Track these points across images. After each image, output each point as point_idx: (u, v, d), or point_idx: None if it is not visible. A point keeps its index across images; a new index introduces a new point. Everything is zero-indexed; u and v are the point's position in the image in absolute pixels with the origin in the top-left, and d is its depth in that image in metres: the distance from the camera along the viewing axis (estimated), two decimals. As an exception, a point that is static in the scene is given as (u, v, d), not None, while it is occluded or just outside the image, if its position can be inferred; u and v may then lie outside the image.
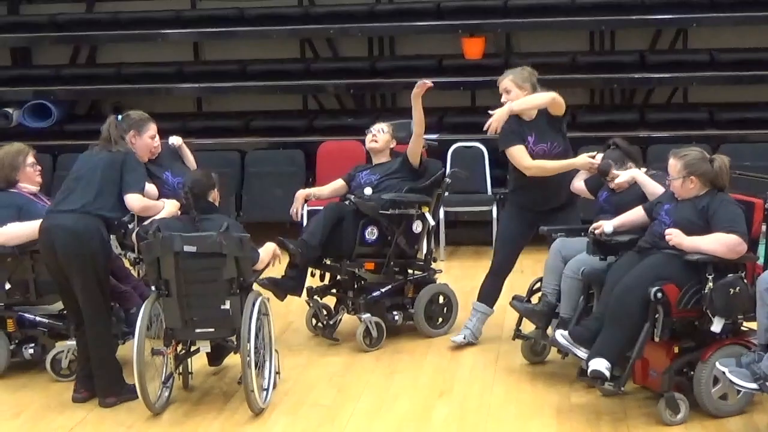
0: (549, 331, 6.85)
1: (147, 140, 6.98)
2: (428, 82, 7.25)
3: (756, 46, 11.15)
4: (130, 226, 7.07)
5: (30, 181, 7.10)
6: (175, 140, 7.66)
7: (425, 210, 7.67)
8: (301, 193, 7.92)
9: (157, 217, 6.57)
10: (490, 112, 7.04)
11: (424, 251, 7.95)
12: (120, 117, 6.87)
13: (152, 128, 7.03)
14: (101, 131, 6.76)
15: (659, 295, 5.87)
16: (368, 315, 7.49)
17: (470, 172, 7.75)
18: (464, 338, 7.45)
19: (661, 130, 10.73)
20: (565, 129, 7.28)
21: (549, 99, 7.06)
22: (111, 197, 6.48)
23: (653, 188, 6.54)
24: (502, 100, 7.14)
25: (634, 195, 6.67)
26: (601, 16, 11.07)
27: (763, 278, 5.80)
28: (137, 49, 11.99)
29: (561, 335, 6.32)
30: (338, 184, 7.98)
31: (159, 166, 7.33)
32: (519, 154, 7.11)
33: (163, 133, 7.44)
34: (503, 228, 7.49)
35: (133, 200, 6.53)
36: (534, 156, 7.09)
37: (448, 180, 7.87)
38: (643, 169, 6.89)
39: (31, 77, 11.93)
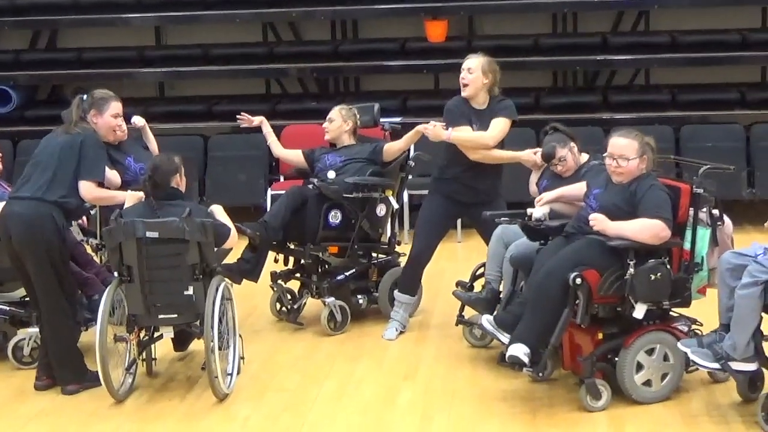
0: None
1: (109, 119, 6.81)
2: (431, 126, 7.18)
3: (716, 27, 11.20)
4: (92, 213, 7.04)
5: (-9, 168, 7.04)
6: (137, 120, 7.57)
7: (389, 193, 7.67)
8: (263, 118, 8.02)
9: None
10: (432, 123, 7.12)
11: (388, 234, 7.96)
12: (85, 96, 6.76)
13: (114, 107, 6.85)
14: (62, 115, 6.69)
15: (578, 280, 5.84)
16: (332, 299, 7.49)
17: (433, 156, 7.73)
18: (396, 330, 7.44)
19: (623, 111, 10.78)
20: None
21: (484, 142, 7.09)
22: (67, 183, 6.39)
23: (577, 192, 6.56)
24: (462, 76, 7.13)
25: (573, 181, 6.73)
26: (564, -1, 11.12)
27: (723, 258, 5.84)
28: (98, 33, 11.88)
29: (486, 320, 6.36)
30: (296, 152, 7.99)
31: (121, 152, 7.25)
32: None
33: (126, 119, 7.39)
34: (425, 215, 7.40)
35: (86, 189, 6.44)
36: None
37: (411, 163, 7.87)
38: (585, 156, 6.92)
39: (-9, 62, 11.83)
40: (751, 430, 5.72)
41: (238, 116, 8.07)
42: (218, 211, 6.62)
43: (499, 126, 7.10)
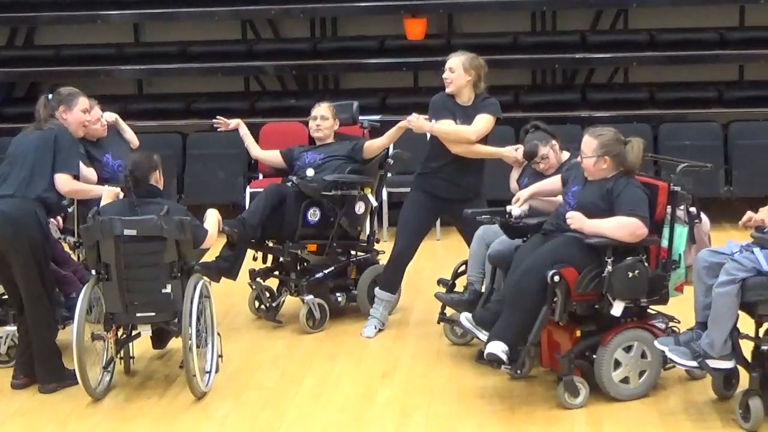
0: None
1: (78, 114, 6.76)
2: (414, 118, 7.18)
3: (694, 26, 11.25)
4: (70, 210, 7.01)
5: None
6: (108, 116, 7.53)
7: (367, 191, 7.66)
8: (239, 121, 8.02)
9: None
10: (415, 115, 7.12)
11: (367, 232, 7.96)
12: (50, 95, 6.76)
13: (82, 102, 6.80)
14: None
15: (556, 278, 5.85)
16: (311, 297, 7.48)
17: (412, 153, 7.74)
18: (375, 328, 7.43)
19: (602, 109, 10.81)
20: None
21: (466, 136, 7.07)
22: (46, 178, 6.38)
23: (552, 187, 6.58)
24: (444, 76, 7.14)
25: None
26: (543, -3, 11.14)
27: (700, 257, 5.86)
28: (76, 30, 11.85)
29: (465, 318, 6.38)
30: (273, 153, 7.96)
31: (99, 149, 7.25)
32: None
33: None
34: (407, 213, 7.39)
35: (62, 181, 6.42)
36: None
37: (390, 161, 7.87)
38: (566, 154, 6.93)
39: (-32, 60, 11.77)
40: (728, 427, 5.73)
41: (214, 120, 8.04)
42: (209, 217, 6.63)
43: (483, 122, 7.10)
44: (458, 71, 7.10)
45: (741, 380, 5.99)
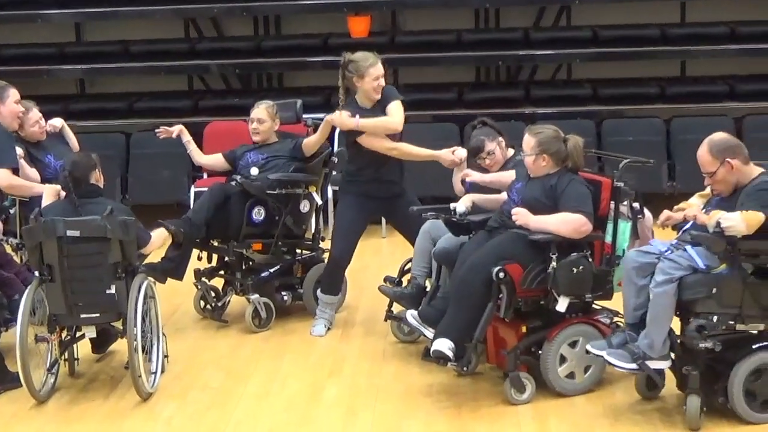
0: None
1: (12, 106, 6.79)
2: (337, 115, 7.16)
3: (636, 22, 11.33)
4: (12, 212, 6.95)
5: None
6: (56, 122, 7.51)
7: (312, 189, 7.66)
8: (182, 127, 7.93)
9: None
10: (338, 112, 7.10)
11: (312, 230, 7.95)
12: None
13: (14, 93, 6.83)
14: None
15: (501, 275, 5.88)
16: (257, 296, 7.46)
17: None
18: (325, 327, 7.42)
19: (545, 106, 10.84)
20: None
21: (393, 126, 7.10)
22: None
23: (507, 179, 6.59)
24: (380, 83, 7.11)
25: None
26: (486, -6, 11.18)
27: (628, 257, 5.86)
28: (16, 29, 11.70)
29: (411, 315, 6.39)
30: (216, 157, 7.91)
31: (41, 150, 7.21)
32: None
33: (46, 116, 7.34)
34: (341, 217, 7.39)
35: (1, 176, 6.38)
36: None
37: (335, 159, 7.86)
38: (511, 150, 6.95)
39: None
40: (670, 422, 5.79)
41: (156, 131, 7.97)
42: (155, 235, 6.68)
43: (399, 108, 7.13)
44: (382, 78, 7.15)
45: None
